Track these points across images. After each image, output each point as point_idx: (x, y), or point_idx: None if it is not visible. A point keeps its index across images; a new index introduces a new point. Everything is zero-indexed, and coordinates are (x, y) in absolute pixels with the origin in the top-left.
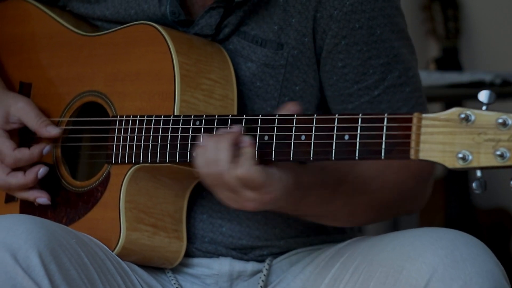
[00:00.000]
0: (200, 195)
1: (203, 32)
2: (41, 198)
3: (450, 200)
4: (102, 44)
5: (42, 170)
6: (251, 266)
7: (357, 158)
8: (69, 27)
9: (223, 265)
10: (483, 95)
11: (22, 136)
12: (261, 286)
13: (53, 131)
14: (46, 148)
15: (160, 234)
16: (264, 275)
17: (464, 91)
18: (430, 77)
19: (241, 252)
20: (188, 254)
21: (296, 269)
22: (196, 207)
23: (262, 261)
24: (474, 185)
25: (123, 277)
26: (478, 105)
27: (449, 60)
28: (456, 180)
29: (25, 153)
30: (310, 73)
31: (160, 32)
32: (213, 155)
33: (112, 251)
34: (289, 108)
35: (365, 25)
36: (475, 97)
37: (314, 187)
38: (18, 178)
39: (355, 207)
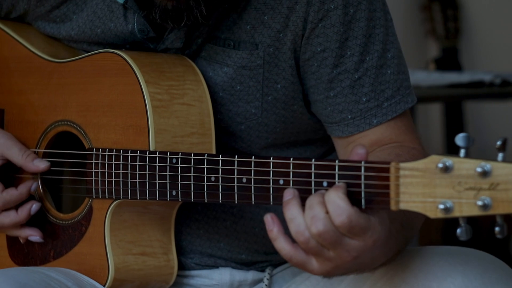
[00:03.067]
0: (195, 209)
1: (173, 46)
2: (34, 236)
3: None
4: (71, 72)
5: (34, 207)
6: (251, 275)
7: None
8: (36, 52)
9: (224, 275)
10: (460, 139)
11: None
12: None
13: (41, 165)
14: (34, 185)
15: (150, 261)
16: (266, 285)
17: (464, 91)
18: (430, 77)
19: (241, 265)
20: (188, 268)
21: (300, 279)
22: (192, 222)
23: (263, 270)
24: (458, 231)
25: None
26: (478, 106)
27: (449, 60)
28: None
29: (13, 194)
30: (287, 69)
31: (128, 62)
32: (307, 215)
33: (104, 286)
34: (358, 153)
35: (340, 5)
36: (475, 97)
37: (400, 234)
38: (12, 217)
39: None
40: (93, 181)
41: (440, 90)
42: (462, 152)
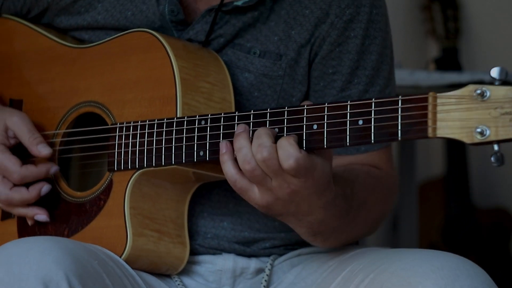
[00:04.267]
0: (199, 193)
1: (197, 37)
2: (41, 215)
3: (450, 200)
4: (96, 55)
5: (45, 188)
6: (254, 263)
7: (373, 141)
8: (60, 41)
9: (227, 261)
10: (495, 72)
11: (19, 150)
12: (264, 286)
13: (44, 151)
14: (53, 168)
15: (165, 239)
16: (267, 275)
17: None
18: (430, 77)
19: (244, 245)
20: (191, 251)
21: (297, 270)
22: (195, 205)
23: (265, 255)
24: (492, 158)
25: None
26: None
27: (448, 60)
28: (456, 180)
29: (32, 171)
30: (304, 83)
31: (158, 38)
32: (254, 143)
33: (120, 257)
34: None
35: (359, 35)
36: None
37: (339, 198)
38: (22, 194)
39: (356, 223)
40: (116, 153)
41: (440, 90)
42: (497, 83)
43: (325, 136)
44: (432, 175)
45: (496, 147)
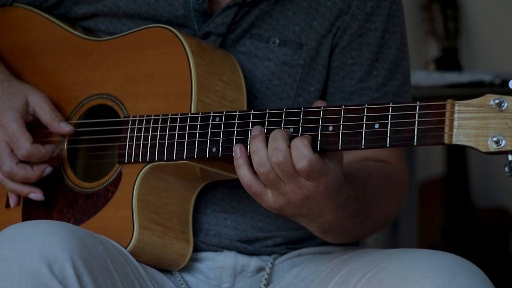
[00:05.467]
0: (203, 190)
1: (218, 30)
2: (36, 193)
3: (450, 200)
4: (112, 48)
5: (48, 169)
6: (254, 261)
7: (388, 145)
8: (76, 32)
9: (228, 258)
10: None
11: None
12: (264, 284)
13: (66, 127)
14: (57, 150)
15: (169, 234)
16: (268, 273)
17: (463, 91)
18: (430, 77)
19: (246, 243)
20: (193, 248)
21: (297, 270)
22: (199, 202)
23: (266, 253)
24: (506, 168)
25: (141, 282)
26: None
27: (448, 60)
28: (456, 180)
29: (40, 150)
30: (323, 73)
31: (175, 34)
32: (270, 146)
33: (126, 248)
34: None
35: (380, 28)
36: (474, 97)
37: (351, 200)
38: (27, 171)
39: (367, 222)
40: (127, 146)
41: (440, 90)
42: None
43: (340, 138)
44: (432, 175)
45: (510, 157)
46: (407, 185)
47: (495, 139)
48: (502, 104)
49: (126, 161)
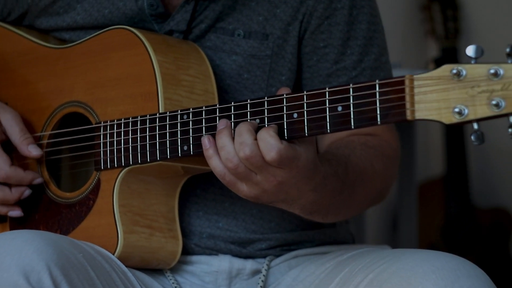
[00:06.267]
0: (194, 193)
1: (178, 27)
2: (14, 211)
3: (450, 200)
4: (78, 54)
5: (27, 192)
6: (250, 264)
7: (353, 127)
8: (41, 42)
9: (223, 262)
10: (471, 50)
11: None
12: (261, 287)
13: (33, 151)
14: (38, 179)
15: (156, 235)
16: (264, 275)
17: None
18: None
19: (240, 246)
20: (188, 251)
21: (295, 272)
22: (191, 204)
23: (262, 256)
24: (472, 137)
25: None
26: None
27: (448, 60)
28: (456, 180)
29: (19, 174)
30: (293, 61)
31: (136, 34)
32: (236, 141)
33: (113, 254)
34: (281, 92)
35: (347, 6)
36: None
37: (330, 178)
38: (5, 193)
39: (354, 198)
40: (101, 152)
41: None
42: (473, 62)
43: (305, 124)
44: (432, 175)
45: (475, 125)
46: (396, 155)
47: (457, 109)
48: (461, 73)
49: (102, 167)
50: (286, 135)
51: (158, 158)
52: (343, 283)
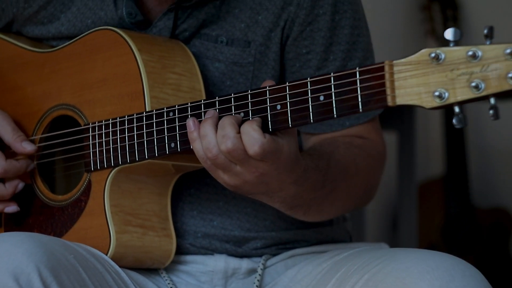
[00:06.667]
0: (188, 192)
1: (161, 34)
2: (10, 206)
3: (450, 200)
4: (64, 57)
5: (21, 185)
6: (245, 263)
7: (335, 115)
8: (28, 47)
9: (218, 262)
10: (449, 33)
11: None
12: (256, 286)
13: (28, 147)
14: (31, 165)
15: (149, 234)
16: (260, 274)
17: None
18: None
19: (235, 245)
20: (183, 251)
21: (292, 272)
22: (185, 204)
23: (257, 255)
24: (454, 120)
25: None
26: (478, 105)
27: None
28: (455, 180)
29: (15, 165)
30: (276, 67)
31: (120, 34)
32: (219, 134)
33: (106, 255)
34: (265, 85)
35: (329, 11)
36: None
37: (311, 171)
38: (1, 189)
39: (336, 195)
40: (91, 153)
41: None
42: (451, 45)
43: (289, 116)
44: (432, 175)
45: (457, 109)
46: (381, 157)
47: (437, 93)
48: (439, 57)
49: (92, 168)
50: (270, 127)
51: (146, 157)
52: (339, 283)
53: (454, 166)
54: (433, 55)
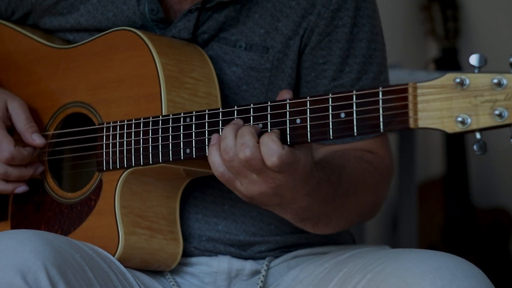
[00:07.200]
0: (193, 195)
1: (180, 35)
2: (21, 187)
3: (450, 200)
4: (81, 55)
5: (40, 168)
6: (249, 264)
7: (355, 134)
8: (44, 42)
9: (222, 263)
10: (474, 59)
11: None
12: (260, 287)
13: (37, 139)
14: (40, 168)
15: (157, 237)
16: (263, 275)
17: None
18: (430, 78)
19: (240, 249)
20: (187, 253)
21: (295, 272)
22: (190, 207)
23: (261, 258)
24: (475, 147)
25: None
26: None
27: (448, 60)
28: (455, 180)
29: (23, 152)
30: (293, 75)
31: (139, 36)
32: (238, 142)
33: (114, 256)
34: (282, 96)
35: (348, 23)
36: None
37: (323, 183)
38: (21, 170)
39: (345, 208)
40: (104, 153)
41: None
42: (476, 71)
43: (308, 130)
44: (432, 175)
45: (478, 135)
46: (389, 173)
47: (460, 119)
48: (464, 82)
49: (104, 168)
50: (288, 140)
51: (160, 161)
52: (341, 283)
53: (454, 166)
54: (458, 80)
